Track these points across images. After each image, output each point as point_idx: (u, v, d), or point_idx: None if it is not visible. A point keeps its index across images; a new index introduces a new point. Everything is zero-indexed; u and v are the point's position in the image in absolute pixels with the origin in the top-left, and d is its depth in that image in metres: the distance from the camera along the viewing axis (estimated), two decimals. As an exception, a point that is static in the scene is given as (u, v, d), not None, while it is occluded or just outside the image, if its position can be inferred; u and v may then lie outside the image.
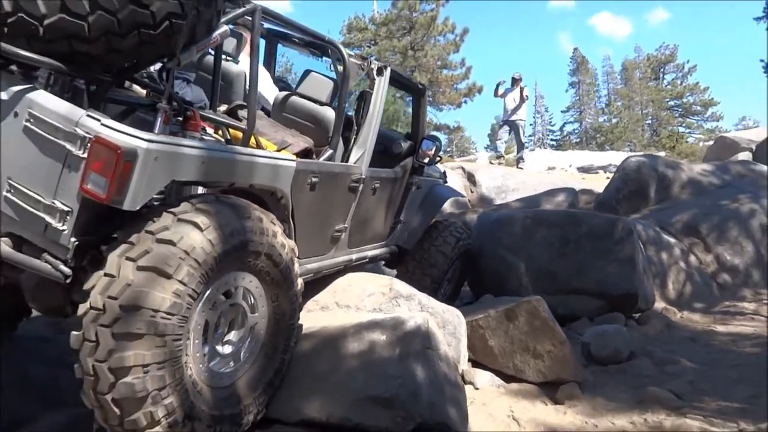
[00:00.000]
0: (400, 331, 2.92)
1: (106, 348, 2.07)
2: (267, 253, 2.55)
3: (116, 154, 2.06)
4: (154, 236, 2.17)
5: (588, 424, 3.22)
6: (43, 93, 2.22)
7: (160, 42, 2.32)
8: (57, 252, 2.18)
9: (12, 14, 2.11)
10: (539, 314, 3.81)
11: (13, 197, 2.20)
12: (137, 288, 2.08)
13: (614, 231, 5.30)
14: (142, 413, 2.12)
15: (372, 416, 2.67)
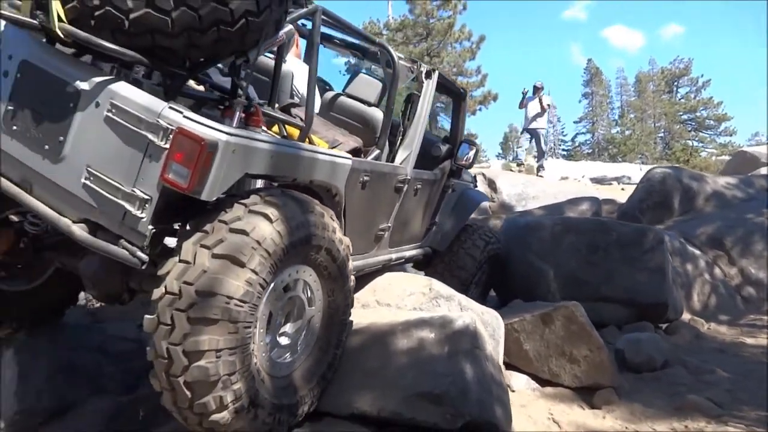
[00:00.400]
0: (448, 329, 2.96)
1: (181, 332, 2.12)
2: (327, 248, 2.60)
3: (200, 145, 2.11)
4: (228, 226, 2.23)
5: (628, 429, 3.24)
6: (125, 84, 2.28)
7: (235, 39, 2.38)
8: (134, 239, 2.23)
9: (100, 7, 2.18)
10: (576, 319, 3.83)
11: (91, 184, 2.26)
12: (213, 275, 2.13)
13: (644, 240, 5.32)
14: (212, 397, 2.17)
15: (423, 412, 2.71)
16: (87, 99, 2.28)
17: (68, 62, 2.40)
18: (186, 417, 2.27)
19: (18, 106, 2.42)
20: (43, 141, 2.35)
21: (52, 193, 2.37)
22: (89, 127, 2.28)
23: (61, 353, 3.46)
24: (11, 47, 2.48)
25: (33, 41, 2.49)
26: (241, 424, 2.30)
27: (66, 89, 2.32)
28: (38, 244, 3.18)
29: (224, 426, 2.26)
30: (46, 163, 2.36)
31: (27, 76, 2.41)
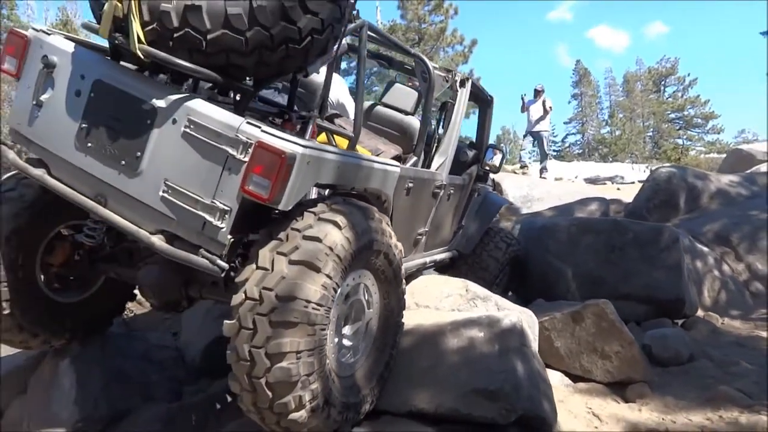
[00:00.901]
0: (496, 328, 3.08)
1: (263, 335, 2.23)
2: (385, 253, 2.72)
3: (280, 158, 2.22)
4: (301, 233, 2.34)
5: (665, 420, 3.37)
6: (201, 101, 2.39)
7: (300, 56, 2.50)
8: (213, 248, 2.34)
9: (179, 29, 2.29)
10: (607, 316, 3.97)
11: (169, 197, 2.37)
12: (291, 280, 2.25)
13: (660, 238, 5.47)
14: (292, 397, 2.28)
15: (479, 408, 2.83)
16: (164, 116, 2.39)
17: (142, 81, 2.51)
18: (264, 417, 2.38)
19: (92, 124, 2.52)
20: (119, 156, 2.46)
21: (127, 206, 2.48)
22: (166, 142, 2.38)
23: (111, 362, 3.56)
24: (83, 68, 2.59)
25: (105, 61, 2.60)
26: (315, 422, 2.40)
27: (142, 107, 2.43)
28: (93, 256, 3.28)
29: (301, 425, 2.36)
30: (122, 177, 2.46)
31: (101, 95, 2.52)
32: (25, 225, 3.05)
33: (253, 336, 2.25)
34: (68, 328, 3.35)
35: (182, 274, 3.04)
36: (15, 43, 2.73)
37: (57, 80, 2.63)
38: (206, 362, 4.16)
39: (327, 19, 2.48)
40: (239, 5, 2.28)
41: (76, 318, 3.38)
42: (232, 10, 2.28)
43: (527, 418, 2.94)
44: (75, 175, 2.60)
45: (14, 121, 2.77)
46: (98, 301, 3.51)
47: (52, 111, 2.64)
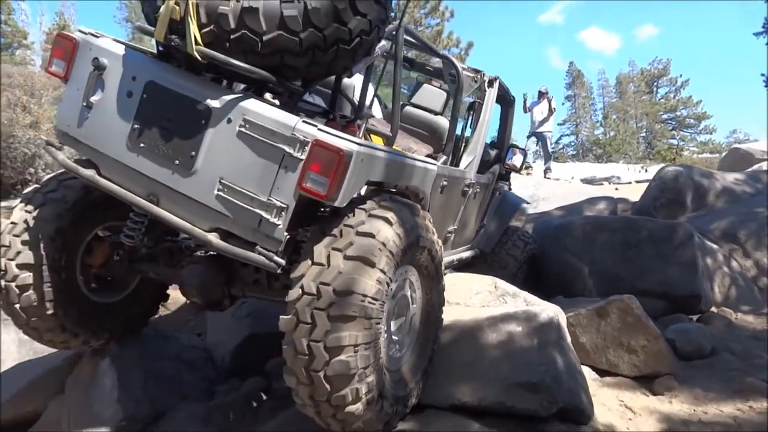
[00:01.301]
0: (534, 322, 3.14)
1: (322, 329, 2.27)
2: (429, 249, 2.77)
3: (338, 155, 2.27)
4: (354, 229, 2.39)
5: (697, 411, 3.44)
6: (256, 101, 2.43)
7: (348, 56, 2.56)
8: (269, 245, 2.38)
9: (236, 30, 2.34)
10: (632, 311, 4.03)
11: (225, 195, 2.41)
12: (348, 275, 2.29)
13: (675, 235, 5.55)
14: (350, 389, 2.32)
15: (522, 400, 2.89)
16: (218, 116, 2.43)
17: (196, 82, 2.56)
18: (321, 410, 2.42)
19: (144, 124, 2.56)
20: (173, 156, 2.50)
21: (180, 205, 2.52)
22: (221, 141, 2.43)
23: (148, 362, 3.60)
24: (134, 69, 2.63)
25: (157, 63, 2.64)
26: (370, 415, 2.45)
27: (196, 107, 2.47)
28: (132, 257, 3.31)
29: (357, 417, 2.41)
30: (176, 177, 2.50)
31: (154, 96, 2.56)
32: (68, 226, 3.08)
33: (312, 330, 2.29)
34: (107, 329, 3.39)
35: (225, 273, 3.09)
36: (63, 45, 2.77)
37: (107, 82, 2.67)
38: (236, 362, 4.21)
39: (374, 20, 2.54)
40: (294, 7, 2.33)
41: (114, 318, 3.42)
42: (287, 12, 2.33)
43: (567, 410, 3.00)
44: (126, 175, 2.63)
45: (62, 123, 2.80)
46: (134, 302, 3.56)
47: (102, 112, 2.68)
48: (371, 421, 2.49)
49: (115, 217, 3.28)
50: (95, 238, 3.29)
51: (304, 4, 2.34)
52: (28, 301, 2.97)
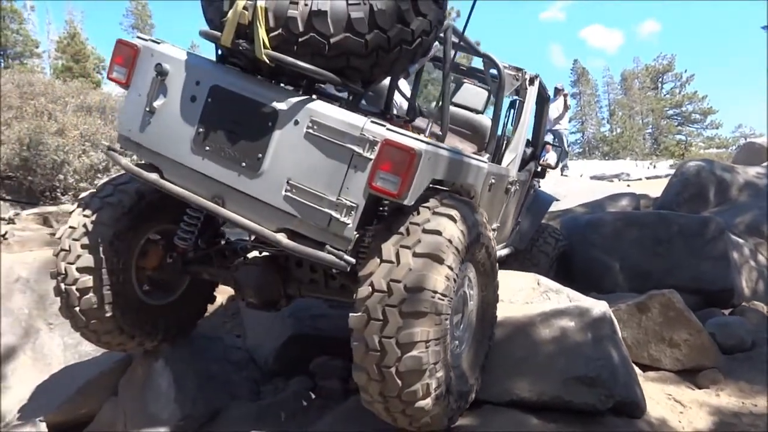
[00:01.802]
0: (587, 317, 3.17)
1: (395, 325, 2.30)
2: (487, 246, 2.80)
3: (409, 154, 2.30)
4: (421, 227, 2.42)
5: (746, 404, 3.46)
6: (323, 103, 2.46)
7: (409, 57, 2.59)
8: (338, 244, 2.41)
9: (304, 34, 2.37)
10: (674, 305, 4.05)
11: (293, 196, 2.43)
12: (418, 272, 2.32)
13: (706, 230, 5.57)
14: (420, 385, 2.35)
15: (580, 394, 2.93)
16: (285, 118, 2.46)
17: (261, 85, 2.59)
18: (390, 406, 2.44)
19: (209, 128, 2.59)
20: (239, 158, 2.53)
21: (246, 206, 2.55)
22: (289, 143, 2.46)
23: (200, 363, 3.64)
24: (197, 74, 2.66)
25: (221, 67, 2.68)
26: (437, 410, 2.48)
27: (263, 110, 2.50)
28: (185, 259, 3.35)
29: (425, 412, 2.44)
30: (242, 179, 2.53)
31: (219, 99, 2.59)
32: (125, 229, 3.12)
33: (384, 327, 2.32)
34: (160, 330, 3.42)
35: (280, 274, 3.12)
36: (124, 52, 2.80)
37: (170, 87, 2.70)
38: (279, 363, 4.23)
39: (434, 21, 2.57)
40: (361, 9, 2.36)
41: (166, 320, 3.46)
42: (355, 14, 2.36)
43: (622, 404, 3.03)
44: (190, 177, 2.66)
45: (124, 128, 2.82)
46: (184, 304, 3.59)
47: (165, 117, 2.70)
48: (438, 417, 2.51)
49: (166, 221, 3.32)
50: (148, 241, 3.33)
51: (370, 6, 2.37)
52: (88, 303, 3.01)
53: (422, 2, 2.50)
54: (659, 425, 3.15)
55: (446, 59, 3.11)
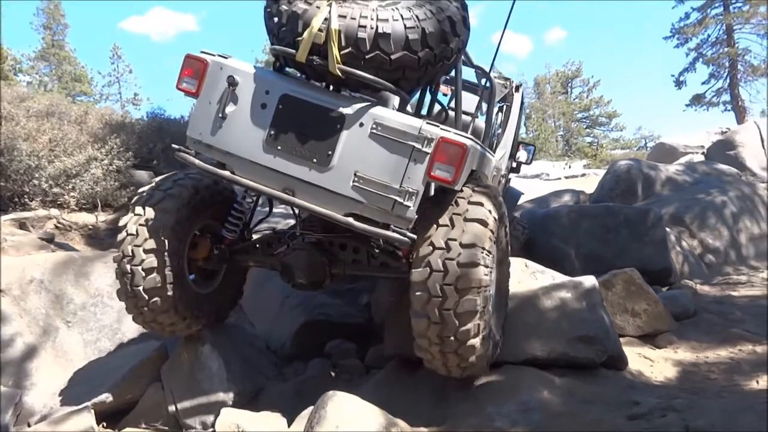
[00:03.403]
0: (581, 288, 3.80)
1: (454, 275, 2.84)
2: (506, 224, 3.37)
3: (462, 149, 2.85)
4: (464, 215, 2.95)
5: (700, 357, 4.22)
6: (383, 108, 2.97)
7: (445, 70, 3.14)
8: (401, 224, 2.92)
9: (371, 52, 2.87)
10: (634, 281, 4.78)
11: (361, 185, 2.92)
12: (470, 233, 2.89)
13: (647, 218, 6.43)
14: (473, 324, 2.88)
15: (582, 350, 3.55)
16: (351, 120, 2.95)
17: (327, 93, 3.06)
18: (445, 346, 2.93)
19: (280, 130, 3.02)
20: (310, 156, 2.97)
21: (315, 196, 2.99)
22: (355, 141, 2.94)
23: (238, 348, 3.99)
24: (266, 84, 3.08)
25: (288, 78, 3.10)
26: (482, 351, 3.03)
27: (331, 114, 2.97)
28: (233, 249, 3.72)
29: (474, 350, 2.95)
30: (313, 173, 2.98)
31: (289, 106, 3.02)
32: (183, 219, 3.46)
33: (444, 276, 2.84)
34: (204, 315, 3.76)
35: (326, 256, 3.56)
36: (194, 66, 3.15)
37: (240, 96, 3.09)
38: (296, 347, 4.63)
39: (465, 40, 3.14)
40: (416, 32, 2.90)
41: (209, 307, 3.80)
42: (411, 36, 2.90)
43: (612, 358, 3.69)
44: (259, 173, 3.06)
45: (195, 132, 3.17)
46: (222, 293, 3.94)
47: (237, 121, 3.09)
48: (482, 357, 3.04)
49: (210, 217, 3.69)
50: (196, 234, 3.66)
51: (422, 29, 2.91)
52: (152, 282, 3.33)
53: (458, 25, 3.07)
54: (638, 375, 3.83)
55: (458, 72, 3.66)
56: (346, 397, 2.92)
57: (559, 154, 46.56)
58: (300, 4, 2.98)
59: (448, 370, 3.07)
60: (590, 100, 52.65)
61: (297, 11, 2.97)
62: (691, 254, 8.01)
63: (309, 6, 2.96)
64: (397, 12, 2.93)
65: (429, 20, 2.95)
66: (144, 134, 8.77)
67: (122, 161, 7.62)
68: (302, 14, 2.95)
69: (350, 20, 2.89)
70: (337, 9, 2.92)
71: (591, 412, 3.10)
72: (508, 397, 3.21)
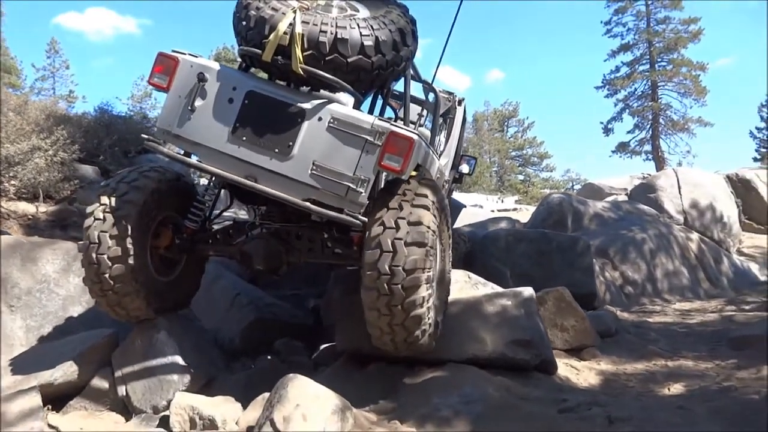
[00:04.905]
0: (520, 297, 4.14)
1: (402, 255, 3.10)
2: (447, 220, 3.68)
3: (410, 142, 3.17)
4: (411, 202, 3.25)
5: (620, 369, 4.64)
6: (339, 105, 3.29)
7: (395, 75, 3.58)
8: (353, 209, 3.22)
9: (330, 54, 3.22)
10: (565, 298, 5.18)
11: (318, 173, 3.21)
12: (415, 217, 3.18)
13: (577, 246, 6.95)
14: (418, 296, 3.14)
15: (519, 353, 3.86)
16: (311, 115, 3.26)
17: (288, 90, 3.38)
18: (394, 316, 3.16)
19: (245, 123, 3.30)
20: (272, 146, 3.26)
21: (275, 182, 3.26)
22: (314, 134, 3.25)
23: (190, 337, 4.08)
24: (233, 81, 3.36)
25: (252, 76, 3.37)
26: (426, 325, 3.27)
27: (292, 109, 3.27)
28: (194, 238, 3.85)
29: (420, 321, 3.21)
30: (274, 161, 3.26)
31: (253, 101, 3.30)
32: (147, 210, 3.60)
33: (393, 257, 3.09)
34: (166, 302, 3.87)
35: (284, 245, 3.76)
36: (165, 63, 3.38)
37: (209, 91, 3.34)
38: (244, 343, 4.75)
39: (414, 50, 3.54)
40: (371, 38, 3.27)
41: (171, 294, 3.91)
42: (366, 42, 3.26)
43: (544, 362, 4.02)
44: (224, 162, 3.30)
45: (164, 123, 3.39)
46: (182, 282, 4.05)
47: (205, 114, 3.34)
48: (426, 333, 3.29)
49: (170, 209, 3.83)
50: (158, 224, 3.78)
51: (376, 37, 3.30)
52: (118, 269, 3.45)
53: (408, 36, 3.46)
54: (566, 380, 4.19)
55: (407, 81, 3.98)
56: (306, 380, 3.09)
57: (492, 188, 48.22)
58: (267, 10, 3.30)
59: (396, 345, 3.31)
60: (524, 140, 54.92)
61: (264, 16, 3.29)
62: (612, 284, 8.63)
63: (276, 12, 3.28)
64: (354, 21, 3.31)
65: (382, 30, 3.34)
66: (91, 129, 8.63)
67: (67, 154, 7.48)
68: (269, 19, 3.27)
69: (312, 26, 3.23)
70: (302, 16, 3.25)
71: (526, 406, 3.39)
72: (453, 390, 3.47)
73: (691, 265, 9.82)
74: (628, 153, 37.07)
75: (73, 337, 4.15)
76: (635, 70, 36.74)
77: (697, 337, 5.60)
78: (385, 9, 3.55)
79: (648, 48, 36.13)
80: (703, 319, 6.89)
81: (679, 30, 35.40)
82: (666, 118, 36.25)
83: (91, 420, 3.68)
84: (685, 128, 35.66)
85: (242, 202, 4.08)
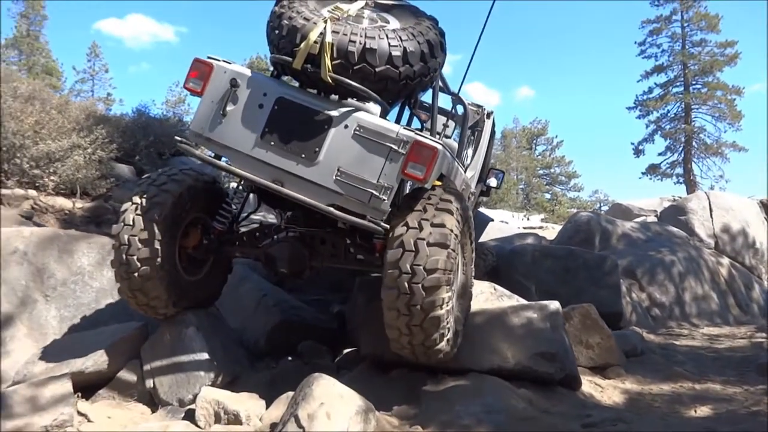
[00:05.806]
0: (546, 311, 4.13)
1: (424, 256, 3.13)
2: (470, 232, 3.69)
3: (434, 151, 3.21)
4: (435, 206, 3.29)
5: (645, 389, 4.57)
6: (365, 113, 3.35)
7: (424, 86, 3.62)
8: (376, 216, 3.26)
9: (358, 64, 3.28)
10: (591, 315, 5.15)
11: (342, 179, 3.27)
12: (438, 224, 3.21)
13: (604, 264, 6.89)
14: (438, 297, 3.15)
15: (543, 366, 3.85)
16: (338, 122, 3.32)
17: (317, 98, 3.45)
18: (413, 317, 3.17)
19: (274, 128, 3.38)
20: (299, 151, 3.33)
21: (301, 187, 3.32)
22: (340, 141, 3.31)
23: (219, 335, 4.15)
24: (264, 87, 3.45)
25: (283, 83, 3.45)
26: (445, 329, 3.27)
27: (320, 116, 3.34)
28: (222, 239, 3.94)
29: (439, 323, 3.20)
30: (300, 167, 3.33)
31: (283, 107, 3.38)
32: (176, 212, 3.71)
33: (415, 256, 3.12)
34: (192, 302, 3.95)
35: (308, 249, 3.82)
36: (200, 68, 3.49)
37: (240, 97, 3.44)
38: (270, 344, 4.80)
39: (441, 62, 3.59)
40: (399, 49, 3.33)
41: (197, 293, 3.99)
42: (394, 52, 3.32)
43: (568, 377, 3.99)
44: (253, 166, 3.38)
45: (197, 127, 3.50)
46: (208, 281, 4.13)
47: (236, 119, 3.44)
48: (445, 338, 3.28)
49: (199, 210, 3.93)
50: (188, 225, 3.88)
51: (404, 47, 3.35)
52: (146, 269, 3.56)
53: (436, 48, 3.51)
54: (590, 396, 4.15)
55: (435, 93, 4.03)
56: (331, 380, 3.11)
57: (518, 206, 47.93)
58: (299, 19, 3.40)
59: (414, 350, 3.32)
60: (552, 159, 54.58)
61: (296, 25, 3.39)
62: (639, 305, 8.52)
63: (307, 22, 3.38)
64: (383, 32, 3.38)
65: (410, 41, 3.40)
66: (129, 129, 8.86)
67: (105, 152, 7.69)
68: (301, 28, 3.37)
69: (342, 35, 3.31)
70: (332, 26, 3.34)
71: (549, 419, 3.38)
72: (475, 399, 3.47)
73: (721, 290, 9.64)
74: (658, 175, 36.57)
75: (104, 329, 4.26)
76: (669, 92, 36.33)
77: (726, 362, 5.49)
78: (414, 21, 3.62)
79: (682, 70, 35.73)
80: (731, 344, 6.76)
81: (715, 53, 34.94)
82: (699, 142, 35.71)
83: (119, 410, 3.76)
84: (718, 152, 35.09)
85: (269, 205, 4.15)
